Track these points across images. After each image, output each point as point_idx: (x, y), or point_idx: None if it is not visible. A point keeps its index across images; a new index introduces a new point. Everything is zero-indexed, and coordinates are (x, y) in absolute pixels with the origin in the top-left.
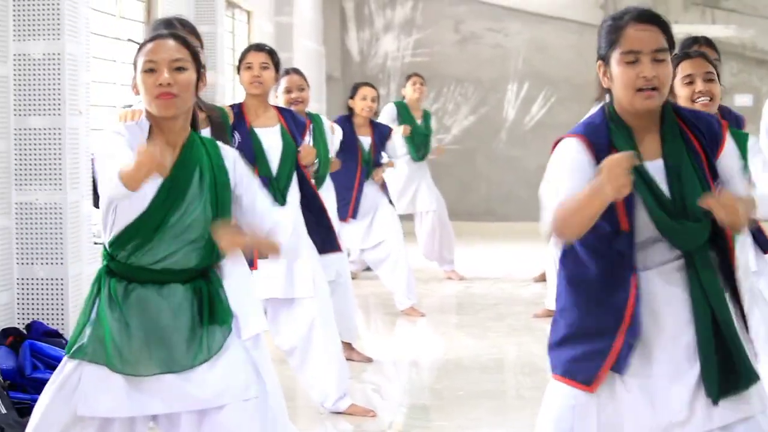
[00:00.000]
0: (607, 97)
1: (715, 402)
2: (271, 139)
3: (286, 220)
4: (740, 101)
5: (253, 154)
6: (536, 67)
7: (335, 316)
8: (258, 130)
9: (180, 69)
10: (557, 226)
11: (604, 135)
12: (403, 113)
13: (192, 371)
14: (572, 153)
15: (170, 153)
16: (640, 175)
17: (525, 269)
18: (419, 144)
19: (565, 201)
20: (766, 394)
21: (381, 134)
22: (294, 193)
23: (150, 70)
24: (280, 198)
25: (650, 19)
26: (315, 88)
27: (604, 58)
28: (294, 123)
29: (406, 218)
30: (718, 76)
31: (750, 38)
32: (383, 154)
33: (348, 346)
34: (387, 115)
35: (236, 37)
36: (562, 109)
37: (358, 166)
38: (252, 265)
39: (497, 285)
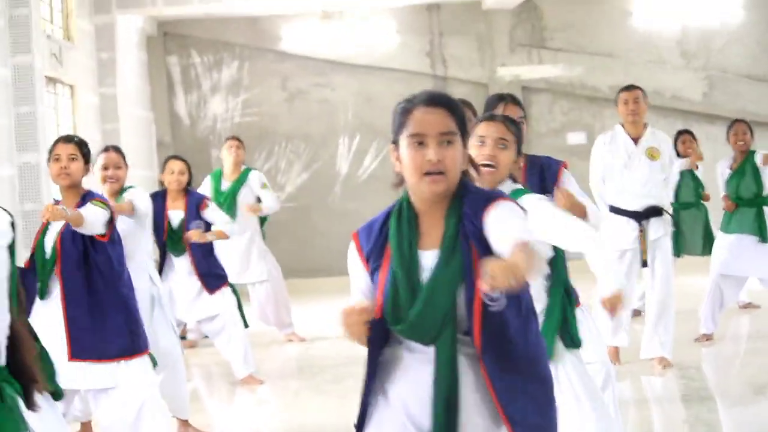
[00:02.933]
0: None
1: None
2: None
3: None
4: (573, 139)
5: None
6: (365, 119)
7: (166, 396)
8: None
9: None
10: None
11: (378, 229)
12: (215, 183)
13: None
14: (350, 254)
15: None
16: (402, 268)
17: None
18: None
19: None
20: None
21: (193, 204)
22: None
23: None
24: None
25: (439, 102)
26: (145, 155)
27: (396, 142)
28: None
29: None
30: (520, 139)
31: (578, 76)
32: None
33: (184, 423)
34: (204, 188)
35: (60, 113)
36: None
37: (164, 239)
38: None
39: (337, 345)
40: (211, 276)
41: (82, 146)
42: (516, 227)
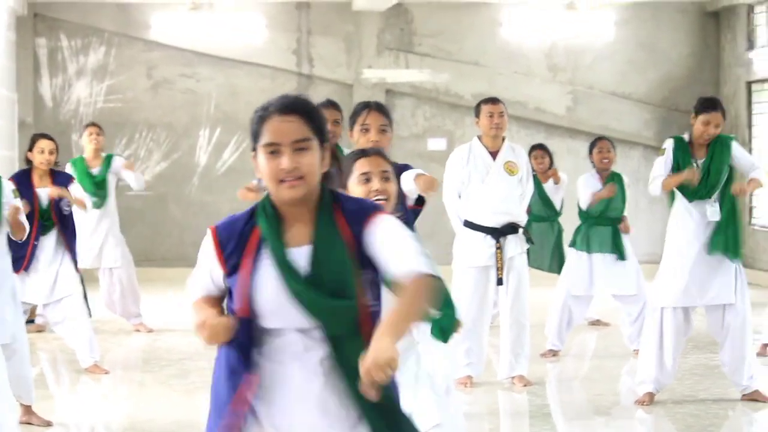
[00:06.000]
0: None
1: None
2: None
3: None
4: (434, 145)
5: None
6: (228, 112)
7: (11, 380)
8: None
9: None
10: None
11: (240, 228)
12: (79, 168)
13: None
14: (206, 248)
15: None
16: (278, 261)
17: None
18: (95, 192)
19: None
20: None
21: (61, 184)
22: None
23: None
24: None
25: (293, 109)
26: (7, 135)
27: (255, 150)
28: None
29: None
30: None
31: (443, 82)
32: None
33: (27, 410)
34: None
35: None
36: None
37: (34, 219)
38: None
39: (186, 338)
40: (74, 253)
41: None
42: (411, 252)
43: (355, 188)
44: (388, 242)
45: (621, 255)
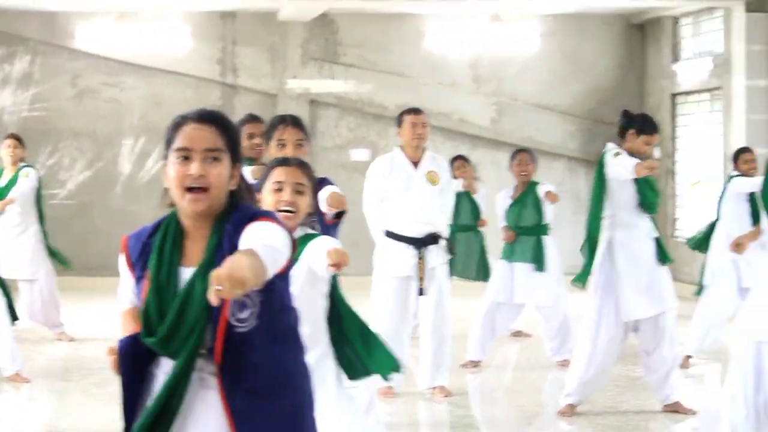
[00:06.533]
0: None
1: None
2: None
3: None
4: (357, 156)
5: None
6: (152, 122)
7: None
8: None
9: None
10: None
11: (144, 240)
12: None
13: None
14: (120, 257)
15: None
16: (151, 279)
17: None
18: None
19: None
20: None
21: None
22: None
23: None
24: None
25: (210, 119)
26: None
27: (166, 157)
28: None
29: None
30: (314, 184)
31: (368, 93)
32: None
33: None
34: None
35: None
36: None
37: None
38: None
39: (106, 347)
40: None
41: None
42: (259, 238)
43: (267, 196)
44: (248, 237)
45: (540, 266)
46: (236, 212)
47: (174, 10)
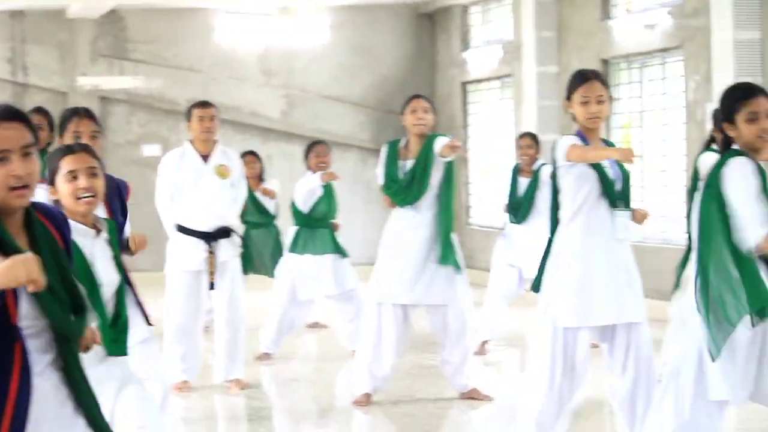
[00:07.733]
0: None
1: None
2: None
3: None
4: (148, 151)
5: None
6: None
7: None
8: None
9: None
10: None
11: None
12: None
13: None
14: None
15: None
16: None
17: None
18: None
19: None
20: None
21: None
22: None
23: None
24: None
25: (14, 116)
26: None
27: None
28: None
29: None
30: (100, 169)
31: (158, 88)
32: None
33: None
34: None
35: None
36: None
37: None
38: None
39: None
40: None
41: None
42: None
43: (62, 186)
44: None
45: (343, 253)
46: (43, 208)
47: None
